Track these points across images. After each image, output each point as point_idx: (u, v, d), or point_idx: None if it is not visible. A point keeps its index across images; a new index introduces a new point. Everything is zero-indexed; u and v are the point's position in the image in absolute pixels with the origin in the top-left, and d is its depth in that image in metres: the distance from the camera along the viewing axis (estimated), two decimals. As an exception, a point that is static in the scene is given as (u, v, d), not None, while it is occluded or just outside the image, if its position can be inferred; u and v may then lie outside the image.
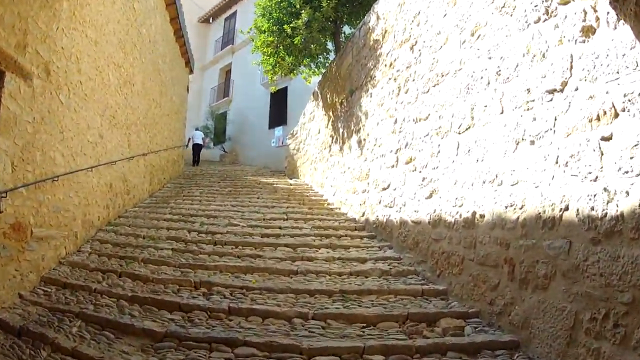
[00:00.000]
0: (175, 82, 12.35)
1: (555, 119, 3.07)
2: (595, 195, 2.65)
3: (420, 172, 5.24)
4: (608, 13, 2.63)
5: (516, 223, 3.40)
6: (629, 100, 2.46)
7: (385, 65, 6.79)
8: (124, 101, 7.58)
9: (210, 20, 23.52)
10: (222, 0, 21.55)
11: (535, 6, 3.37)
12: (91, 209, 6.36)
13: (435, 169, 4.87)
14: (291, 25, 9.49)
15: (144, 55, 8.74)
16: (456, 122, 4.47)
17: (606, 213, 2.55)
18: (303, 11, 9.28)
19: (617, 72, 2.56)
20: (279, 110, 17.79)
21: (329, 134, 10.14)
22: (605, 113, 2.64)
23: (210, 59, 23.29)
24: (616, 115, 2.55)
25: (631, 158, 2.41)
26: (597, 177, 2.66)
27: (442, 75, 4.89)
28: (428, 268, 4.88)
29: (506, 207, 3.53)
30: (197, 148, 17.22)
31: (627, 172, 2.44)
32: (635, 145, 2.39)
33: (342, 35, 11.25)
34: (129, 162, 8.22)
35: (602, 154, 2.64)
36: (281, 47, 10.40)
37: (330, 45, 11.37)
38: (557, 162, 3.01)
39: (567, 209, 2.89)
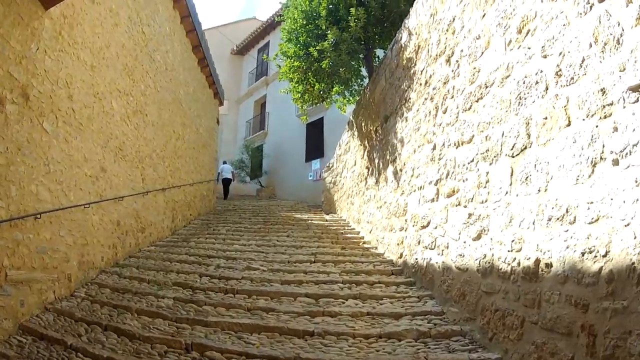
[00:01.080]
0: (201, 113, 12.14)
1: (650, 128, 2.24)
2: None
3: (465, 206, 4.40)
4: None
5: (598, 277, 2.51)
6: None
7: (420, 84, 6.10)
8: (133, 132, 7.23)
9: (234, 49, 23.68)
10: (254, 31, 21.73)
11: (602, -20, 2.61)
12: (91, 249, 5.91)
13: (483, 203, 4.03)
14: (317, 47, 9.01)
15: (160, 84, 8.47)
16: (508, 142, 3.66)
17: None
18: (329, 32, 8.79)
19: None
20: (315, 142, 17.41)
21: (365, 165, 9.47)
22: None
23: (245, 91, 23.41)
24: None
25: None
26: None
27: (486, 87, 4.12)
28: (477, 328, 3.97)
29: (582, 254, 2.65)
30: (226, 182, 17.33)
31: None
32: None
33: (376, 59, 10.70)
34: (143, 197, 7.82)
35: None
36: (309, 73, 9.94)
37: (364, 72, 10.86)
38: (657, 190, 2.16)
39: (678, 258, 2.02)
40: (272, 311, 4.77)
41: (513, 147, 3.57)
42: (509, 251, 3.53)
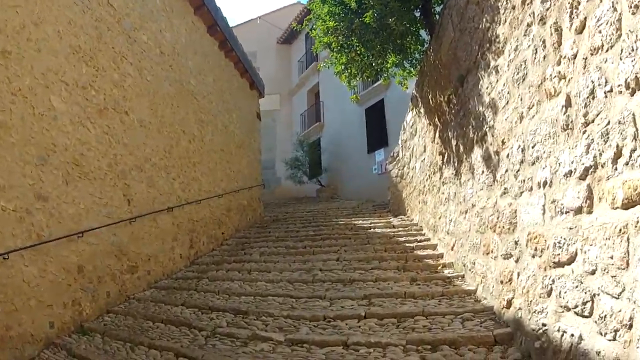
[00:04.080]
0: (231, 107, 10.02)
1: None
2: None
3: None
4: None
5: None
6: None
7: (514, 8, 3.50)
8: (102, 137, 5.18)
9: (280, 38, 21.47)
10: (298, 14, 19.30)
11: None
12: (26, 316, 3.96)
13: None
14: (355, -7, 6.45)
15: (151, 72, 6.37)
16: None
17: None
18: (369, -29, 6.19)
19: None
20: (377, 129, 14.82)
21: (437, 150, 6.84)
22: None
23: (296, 82, 21.16)
24: None
25: None
26: None
27: None
28: None
29: None
30: None
31: None
32: None
33: (436, 16, 7.90)
34: (131, 225, 5.75)
35: None
36: (353, 38, 7.38)
37: (423, 35, 8.13)
38: None
39: None
40: None
41: None
42: None
